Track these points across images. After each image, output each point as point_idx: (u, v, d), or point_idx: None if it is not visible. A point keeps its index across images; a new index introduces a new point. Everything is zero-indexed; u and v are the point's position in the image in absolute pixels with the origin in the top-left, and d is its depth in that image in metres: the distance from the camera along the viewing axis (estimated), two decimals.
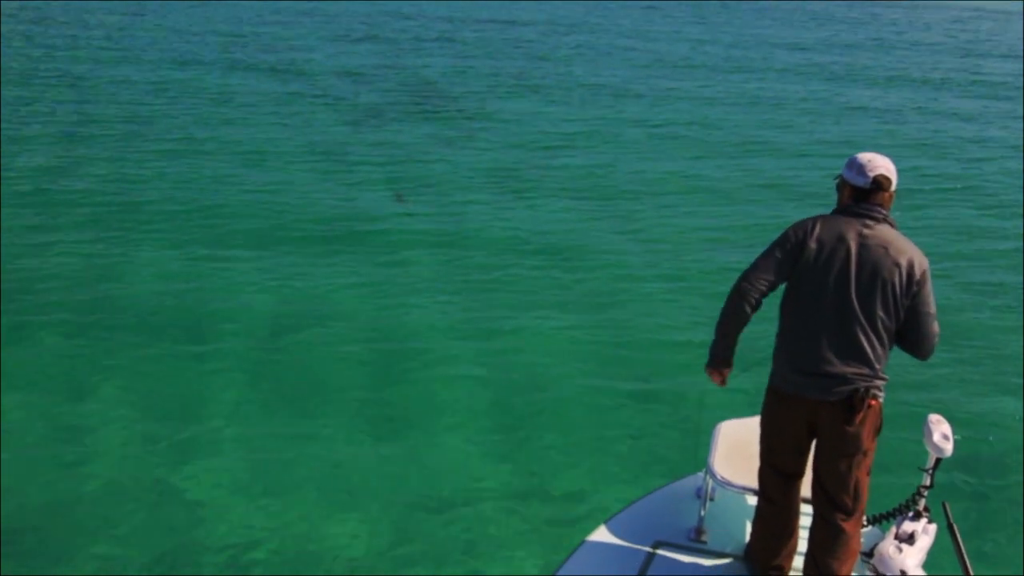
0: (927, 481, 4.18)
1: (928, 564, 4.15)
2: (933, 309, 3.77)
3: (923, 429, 4.12)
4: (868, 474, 3.88)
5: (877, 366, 3.74)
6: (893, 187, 3.79)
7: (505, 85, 19.25)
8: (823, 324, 3.73)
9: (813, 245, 3.74)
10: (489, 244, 10.92)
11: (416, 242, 10.84)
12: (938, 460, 4.11)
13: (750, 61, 22.98)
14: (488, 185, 13.03)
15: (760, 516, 4.11)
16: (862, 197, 3.78)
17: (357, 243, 10.73)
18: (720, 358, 3.95)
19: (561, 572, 4.14)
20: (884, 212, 3.77)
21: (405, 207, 11.80)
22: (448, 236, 11.11)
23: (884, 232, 3.73)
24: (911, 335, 3.80)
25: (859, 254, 3.69)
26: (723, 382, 4.00)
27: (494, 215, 11.89)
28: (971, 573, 3.95)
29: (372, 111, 16.60)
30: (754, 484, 4.17)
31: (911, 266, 3.69)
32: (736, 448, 4.43)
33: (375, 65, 20.43)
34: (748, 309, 3.83)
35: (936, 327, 3.81)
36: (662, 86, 19.93)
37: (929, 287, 3.74)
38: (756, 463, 4.13)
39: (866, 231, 3.72)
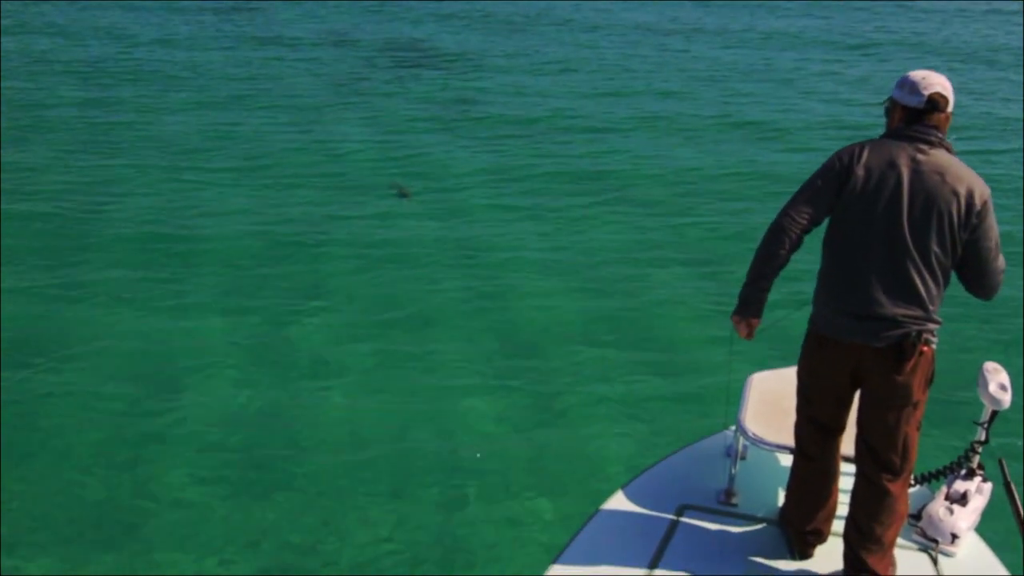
0: (982, 436, 4.05)
1: (982, 527, 3.98)
2: (996, 243, 3.56)
3: (978, 379, 3.96)
4: (918, 429, 3.72)
5: (931, 308, 3.53)
6: (950, 107, 3.59)
7: (504, 46, 18.50)
8: (871, 260, 3.53)
9: (860, 172, 3.53)
10: (490, 242, 9.84)
11: (415, 240, 9.76)
12: (994, 413, 3.96)
13: (760, 23, 22.11)
14: (491, 167, 11.92)
15: (796, 475, 3.94)
16: (915, 119, 3.58)
17: (343, 242, 9.63)
18: (750, 305, 3.73)
19: (573, 544, 3.94)
20: (940, 135, 3.57)
21: (408, 202, 10.61)
22: (452, 232, 10.01)
23: (940, 157, 3.52)
24: (971, 272, 3.60)
25: (912, 182, 3.49)
26: (750, 334, 3.79)
27: (498, 202, 10.87)
28: None
29: (357, 77, 15.87)
30: (789, 441, 4.00)
31: (970, 195, 3.48)
32: (770, 402, 4.26)
33: (358, 24, 19.81)
34: (787, 247, 3.63)
35: (1001, 262, 3.61)
36: (672, 46, 19.22)
37: (992, 218, 3.54)
38: (791, 418, 3.97)
39: (920, 156, 3.51)
